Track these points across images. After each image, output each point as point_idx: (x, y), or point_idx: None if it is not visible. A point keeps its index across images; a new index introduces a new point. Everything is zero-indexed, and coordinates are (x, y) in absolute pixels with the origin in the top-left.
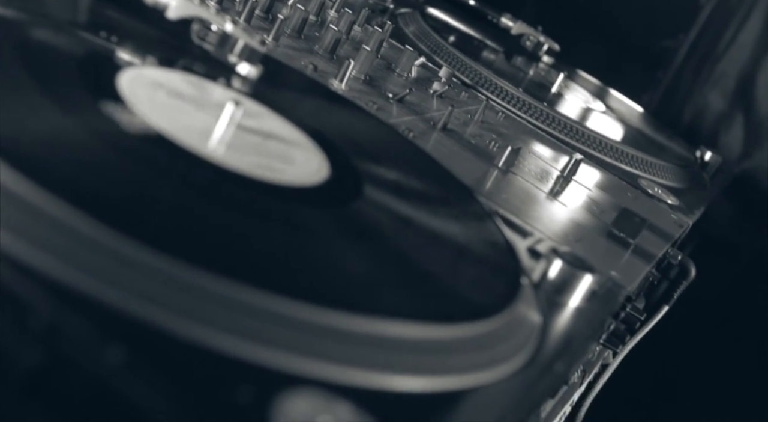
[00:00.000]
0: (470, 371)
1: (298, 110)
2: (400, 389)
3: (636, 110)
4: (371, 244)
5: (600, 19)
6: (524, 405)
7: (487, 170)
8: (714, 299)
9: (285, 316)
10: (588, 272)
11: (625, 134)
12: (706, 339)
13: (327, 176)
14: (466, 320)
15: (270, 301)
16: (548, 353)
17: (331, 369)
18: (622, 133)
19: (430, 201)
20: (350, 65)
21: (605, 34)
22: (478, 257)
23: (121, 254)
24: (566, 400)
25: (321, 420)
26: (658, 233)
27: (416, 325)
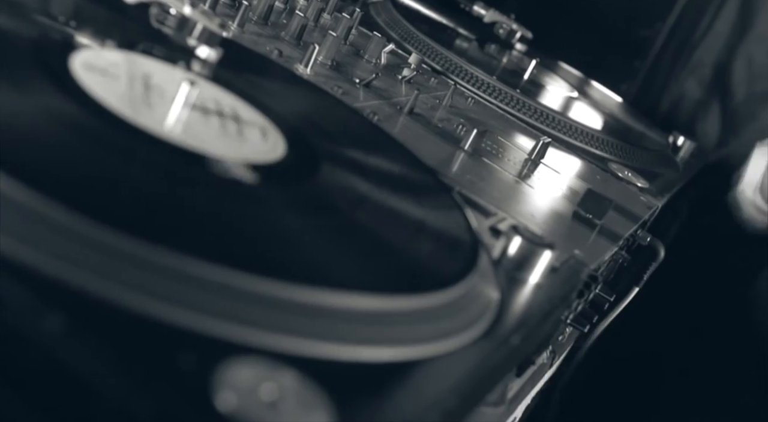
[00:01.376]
0: (422, 342)
1: (257, 92)
2: (350, 359)
3: (611, 98)
4: (323, 218)
5: (578, 9)
6: (480, 377)
7: (453, 153)
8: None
9: (231, 286)
10: (548, 249)
11: (597, 120)
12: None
13: (282, 154)
14: (417, 292)
15: (214, 270)
16: (504, 327)
17: (278, 339)
18: (594, 118)
19: (388, 179)
20: (315, 50)
21: (583, 24)
22: (434, 232)
23: (67, 225)
24: (536, 381)
25: (265, 387)
26: (625, 214)
27: (364, 296)
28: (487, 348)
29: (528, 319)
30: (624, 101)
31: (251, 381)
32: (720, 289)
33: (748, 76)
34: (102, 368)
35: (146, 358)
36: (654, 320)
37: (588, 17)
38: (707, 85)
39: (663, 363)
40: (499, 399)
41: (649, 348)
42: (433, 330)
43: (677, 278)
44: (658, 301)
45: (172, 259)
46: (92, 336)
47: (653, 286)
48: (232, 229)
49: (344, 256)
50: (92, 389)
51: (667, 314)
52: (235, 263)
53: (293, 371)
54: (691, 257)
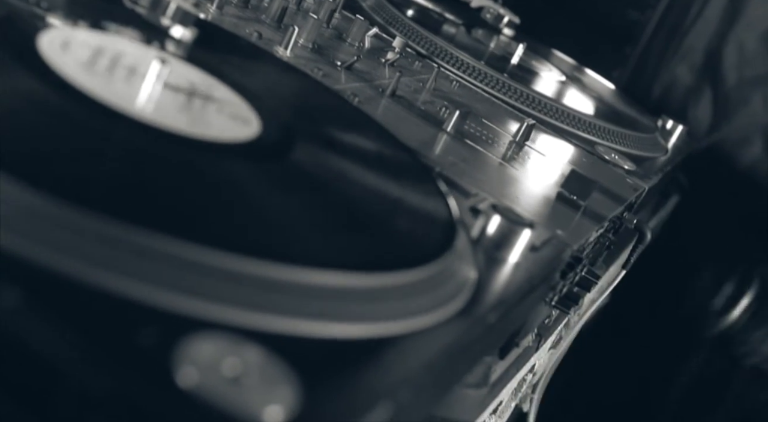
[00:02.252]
0: (393, 320)
1: (233, 72)
2: (318, 335)
3: (600, 82)
4: (294, 196)
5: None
6: (454, 356)
7: (435, 135)
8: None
9: (194, 260)
10: (527, 228)
11: (585, 103)
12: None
13: (255, 132)
14: (388, 269)
15: (178, 246)
16: (480, 305)
17: (244, 315)
18: (581, 102)
19: (364, 158)
20: (294, 32)
21: (574, 11)
22: (409, 211)
23: (24, 199)
24: (521, 364)
25: (227, 362)
26: (611, 196)
27: (333, 273)
28: (461, 326)
29: (506, 298)
30: (613, 85)
31: (213, 356)
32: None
33: (739, 61)
34: (58, 344)
35: (105, 334)
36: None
37: (578, 3)
38: (698, 71)
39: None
40: (482, 381)
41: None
42: (405, 308)
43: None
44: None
45: (132, 233)
46: (48, 312)
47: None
48: (197, 204)
49: (313, 232)
50: (48, 366)
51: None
52: (198, 238)
53: (258, 346)
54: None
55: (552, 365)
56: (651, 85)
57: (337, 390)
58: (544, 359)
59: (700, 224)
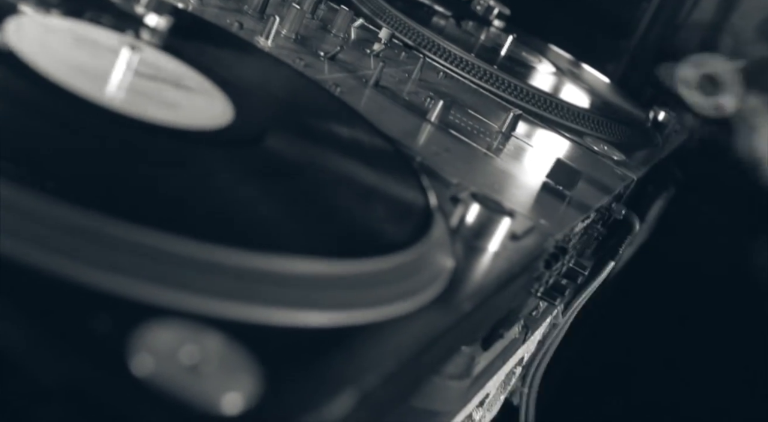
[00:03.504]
0: (362, 308)
1: (209, 61)
2: (282, 323)
3: (592, 74)
4: (263, 183)
5: None
6: (427, 344)
7: (419, 125)
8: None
9: (153, 247)
10: (506, 216)
11: (574, 94)
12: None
13: (228, 120)
14: (359, 257)
15: (141, 233)
16: (456, 293)
17: (206, 303)
18: (571, 93)
19: (341, 147)
20: (275, 22)
21: (570, 5)
22: (384, 199)
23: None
24: (507, 357)
25: (185, 349)
26: (598, 186)
27: (300, 260)
28: (435, 314)
29: (484, 287)
30: (604, 77)
31: (171, 343)
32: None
33: (734, 50)
34: (10, 332)
35: (58, 321)
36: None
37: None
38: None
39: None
40: (464, 372)
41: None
42: (376, 296)
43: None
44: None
45: (88, 218)
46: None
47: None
48: (161, 191)
49: (282, 219)
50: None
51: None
52: (157, 223)
53: (219, 334)
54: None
55: (543, 358)
56: (646, 78)
57: (301, 378)
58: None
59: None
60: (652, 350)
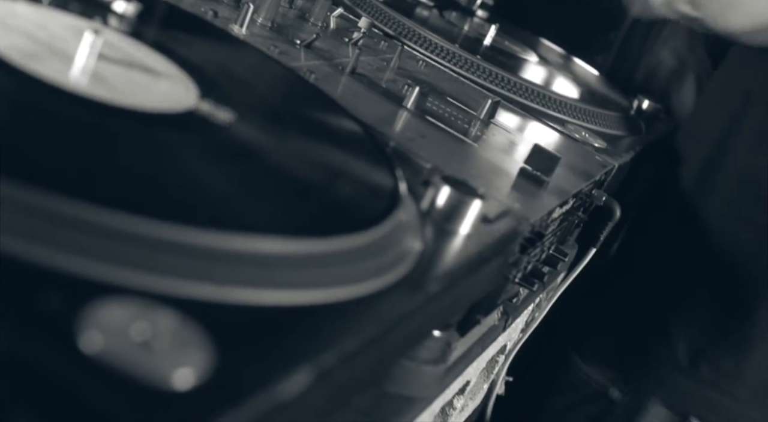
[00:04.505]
0: (323, 287)
1: (179, 48)
2: (238, 302)
3: (577, 64)
4: (224, 164)
5: None
6: (391, 324)
7: (395, 112)
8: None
9: (107, 225)
10: (477, 199)
11: (556, 83)
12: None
13: (193, 103)
14: (322, 236)
15: (94, 211)
16: (424, 274)
17: (160, 281)
18: (554, 82)
19: (309, 130)
20: (250, 9)
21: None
22: (352, 180)
23: None
24: (486, 343)
25: (136, 326)
26: (577, 172)
27: (259, 239)
28: (400, 294)
29: (452, 269)
30: (588, 66)
31: (122, 320)
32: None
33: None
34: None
35: (7, 298)
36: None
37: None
38: (681, 55)
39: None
40: (440, 357)
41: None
42: (336, 276)
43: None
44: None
45: (45, 198)
46: None
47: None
48: (120, 171)
49: (240, 199)
50: None
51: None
52: (114, 203)
53: (172, 311)
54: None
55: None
56: (635, 70)
57: (256, 354)
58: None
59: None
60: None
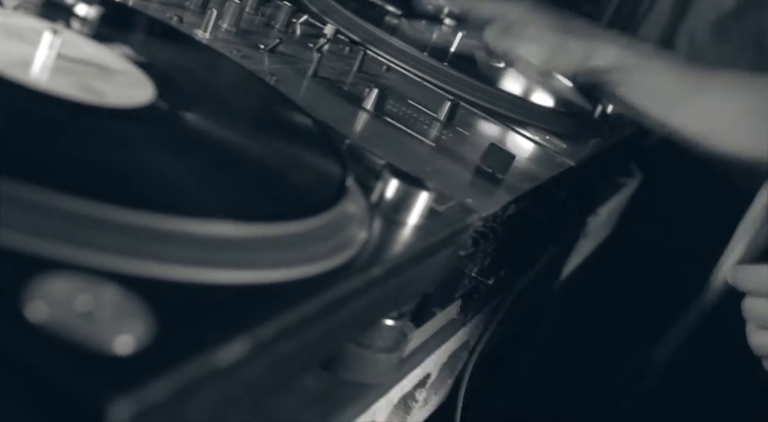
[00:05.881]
0: (263, 267)
1: (140, 49)
2: (177, 279)
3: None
4: (174, 155)
5: None
6: (329, 307)
7: (355, 113)
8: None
9: (59, 208)
10: (424, 190)
11: (520, 86)
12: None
13: (148, 100)
14: (264, 220)
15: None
16: (366, 261)
17: (103, 258)
18: (516, 85)
19: (260, 126)
20: (213, 14)
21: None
22: (298, 171)
23: None
24: (445, 337)
25: (80, 299)
26: (534, 171)
27: (200, 221)
28: (342, 277)
29: (396, 256)
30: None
31: (67, 292)
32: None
33: (690, 51)
34: None
35: None
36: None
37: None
38: None
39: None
40: (394, 346)
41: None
42: (277, 258)
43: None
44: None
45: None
46: None
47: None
48: (69, 157)
49: (186, 185)
50: None
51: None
52: (63, 186)
53: (114, 285)
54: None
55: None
56: None
57: (195, 325)
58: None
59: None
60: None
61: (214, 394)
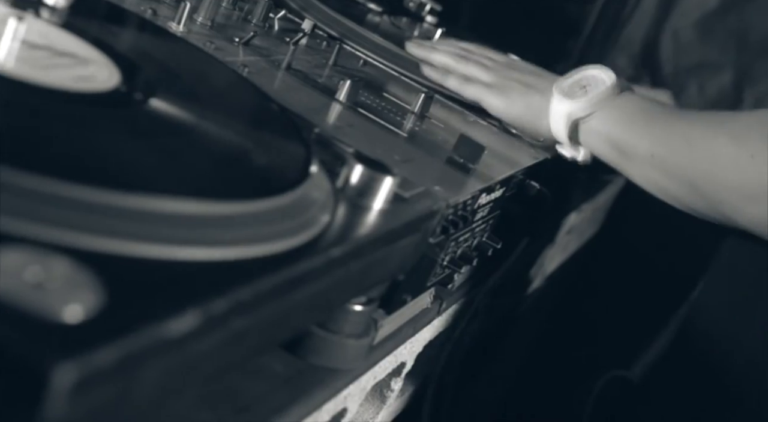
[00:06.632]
0: (218, 245)
1: (109, 39)
2: (132, 254)
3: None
4: (134, 137)
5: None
6: (285, 286)
7: (327, 104)
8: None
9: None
10: (388, 175)
11: None
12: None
13: (113, 85)
14: (221, 200)
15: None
16: (327, 242)
17: (56, 233)
18: None
19: (227, 112)
20: (186, 7)
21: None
22: (261, 153)
23: None
24: (420, 326)
25: (30, 270)
26: (508, 163)
27: (155, 198)
28: (300, 257)
29: (358, 238)
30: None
31: (17, 264)
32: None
33: (675, 50)
34: None
35: None
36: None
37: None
38: (637, 62)
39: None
40: (363, 332)
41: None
42: (233, 236)
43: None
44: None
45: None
46: None
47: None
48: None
49: (140, 163)
50: None
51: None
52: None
53: (65, 258)
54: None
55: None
56: None
57: (146, 297)
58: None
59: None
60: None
61: (165, 366)
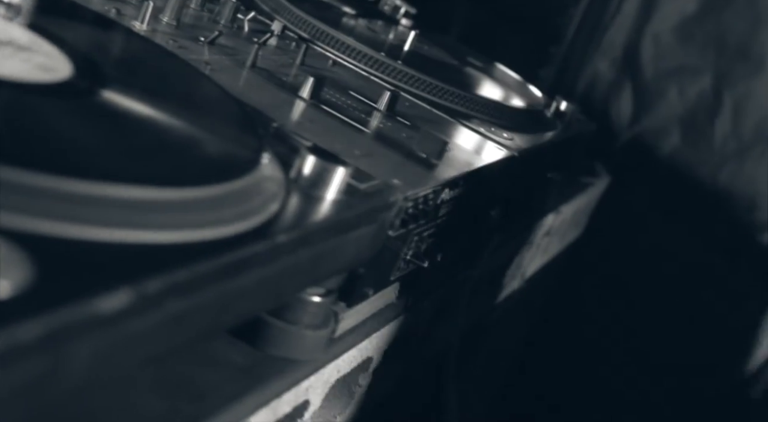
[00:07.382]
0: (156, 228)
1: (65, 34)
2: (72, 236)
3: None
4: (83, 125)
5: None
6: (227, 265)
7: (290, 101)
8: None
9: None
10: (340, 166)
11: (474, 84)
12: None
13: (64, 77)
14: (165, 185)
15: None
16: (275, 228)
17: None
18: (471, 83)
19: (182, 104)
20: (150, 6)
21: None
22: (212, 145)
23: None
24: (383, 320)
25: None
26: (475, 159)
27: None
28: (245, 241)
29: (309, 227)
30: (513, 72)
31: None
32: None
33: (655, 54)
34: None
35: None
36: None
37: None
38: (618, 66)
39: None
40: (321, 323)
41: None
42: (172, 220)
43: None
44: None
45: None
46: None
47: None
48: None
49: (81, 148)
50: None
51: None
52: None
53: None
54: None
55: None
56: (575, 83)
57: (75, 276)
58: None
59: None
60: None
61: (95, 345)
